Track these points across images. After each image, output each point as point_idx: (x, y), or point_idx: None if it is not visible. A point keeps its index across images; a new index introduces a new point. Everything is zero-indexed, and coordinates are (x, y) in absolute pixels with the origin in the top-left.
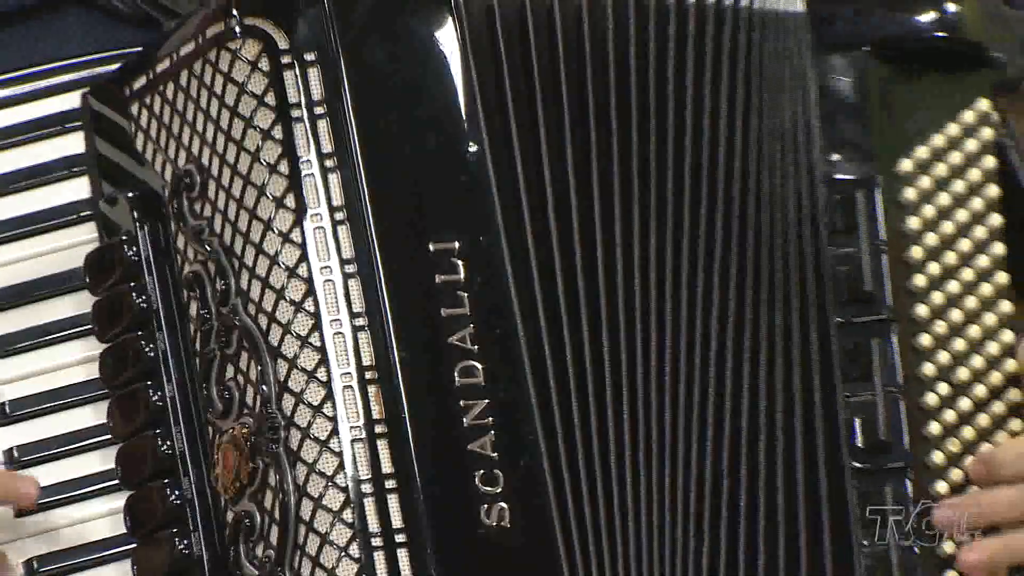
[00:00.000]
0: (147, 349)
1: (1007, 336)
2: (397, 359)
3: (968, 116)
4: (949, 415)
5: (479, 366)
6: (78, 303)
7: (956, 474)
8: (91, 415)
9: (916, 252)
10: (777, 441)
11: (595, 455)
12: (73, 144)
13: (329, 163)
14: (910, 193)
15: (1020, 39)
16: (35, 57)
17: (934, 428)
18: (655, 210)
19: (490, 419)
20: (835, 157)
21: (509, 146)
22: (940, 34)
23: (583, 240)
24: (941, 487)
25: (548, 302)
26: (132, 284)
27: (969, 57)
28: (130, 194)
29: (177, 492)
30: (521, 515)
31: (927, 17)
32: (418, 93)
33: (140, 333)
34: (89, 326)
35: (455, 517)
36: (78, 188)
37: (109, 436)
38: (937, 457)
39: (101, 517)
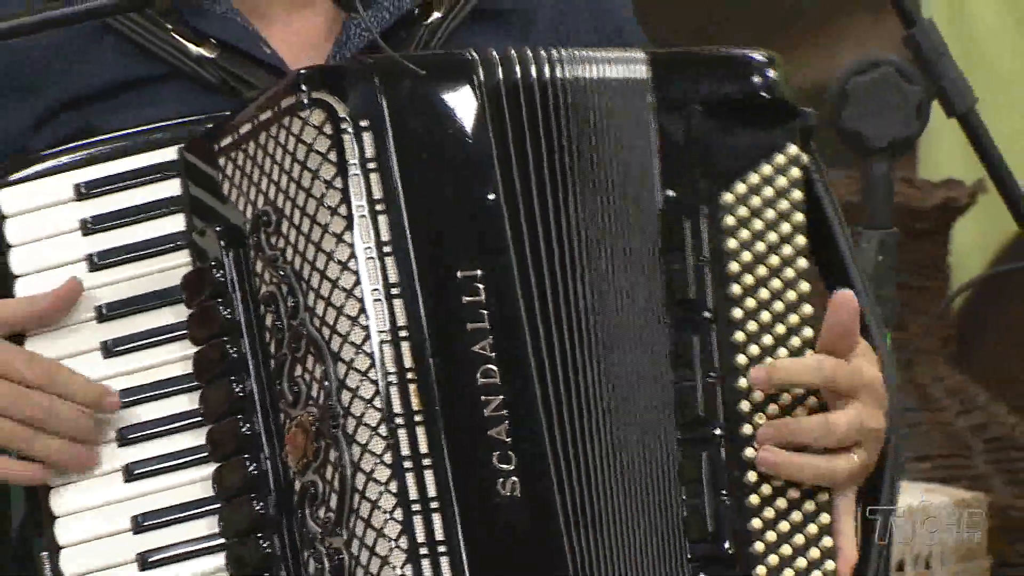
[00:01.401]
0: (231, 351)
1: (808, 332)
2: (432, 363)
3: (779, 158)
4: (757, 395)
5: (496, 369)
6: (176, 313)
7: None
8: (186, 402)
9: (733, 266)
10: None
11: (584, 439)
12: (171, 188)
13: (379, 207)
14: (729, 220)
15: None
16: (140, 119)
17: (744, 406)
18: (588, 240)
19: (505, 411)
20: (670, 193)
21: (514, 196)
22: (762, 94)
23: (575, 268)
24: (749, 452)
25: (546, 318)
26: (219, 299)
27: (781, 112)
28: (217, 228)
29: (255, 464)
30: (529, 488)
31: (747, 81)
32: (448, 152)
33: (225, 339)
34: (185, 332)
35: (477, 488)
36: (175, 222)
37: (201, 418)
38: (746, 429)
39: (193, 483)
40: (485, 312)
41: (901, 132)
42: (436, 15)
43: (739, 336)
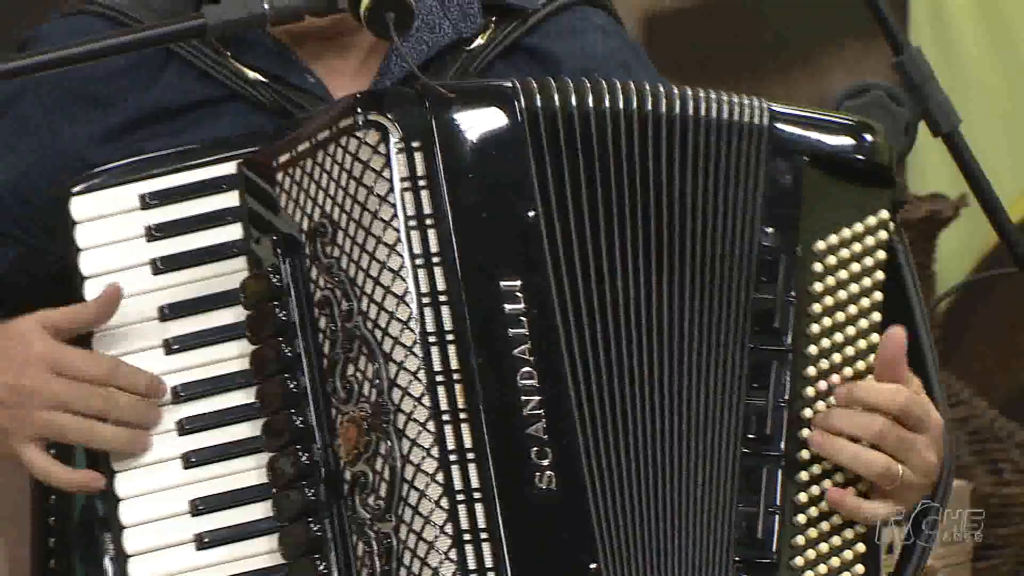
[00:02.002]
0: (286, 350)
1: (869, 378)
2: (476, 365)
3: (871, 220)
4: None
5: (534, 372)
6: (236, 314)
7: (816, 469)
8: (241, 397)
9: (815, 308)
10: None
11: (613, 439)
12: (231, 200)
13: (428, 221)
14: (818, 266)
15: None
16: (201, 136)
17: (805, 433)
18: (642, 258)
19: (542, 411)
20: (769, 230)
21: (551, 213)
22: (859, 157)
23: (606, 281)
24: (803, 475)
25: (581, 326)
26: (275, 302)
27: (879, 177)
28: (272, 237)
29: (307, 454)
30: (563, 480)
31: (851, 141)
32: (492, 171)
33: (281, 338)
34: (242, 332)
35: (517, 481)
36: (234, 231)
37: (256, 411)
38: (804, 454)
39: (248, 471)
40: (524, 319)
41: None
42: (479, 42)
43: (811, 371)
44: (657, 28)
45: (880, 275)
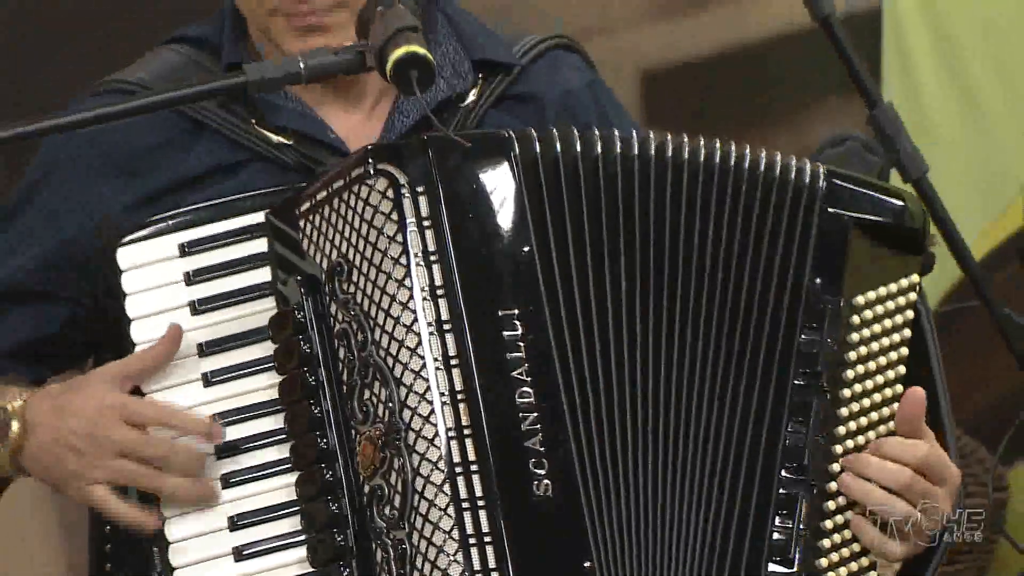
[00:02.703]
0: (310, 379)
1: (891, 424)
2: (478, 386)
3: (904, 282)
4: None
5: (531, 391)
6: (264, 349)
7: (841, 500)
8: (271, 423)
9: (851, 356)
10: (741, 450)
11: (603, 450)
12: (259, 245)
13: (433, 257)
14: (856, 319)
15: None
16: (228, 194)
17: (835, 467)
18: (652, 295)
19: (538, 425)
20: (818, 280)
21: (548, 249)
22: (901, 226)
23: (596, 310)
24: (830, 505)
25: (575, 350)
26: (300, 336)
27: (913, 244)
28: (297, 278)
29: (331, 472)
30: (560, 488)
31: (891, 211)
32: (490, 213)
33: (305, 368)
34: (272, 364)
35: (516, 488)
36: (262, 274)
37: (285, 435)
38: (832, 486)
39: (279, 489)
40: (521, 344)
41: None
42: (471, 98)
43: (843, 412)
44: (653, 85)
45: (907, 332)
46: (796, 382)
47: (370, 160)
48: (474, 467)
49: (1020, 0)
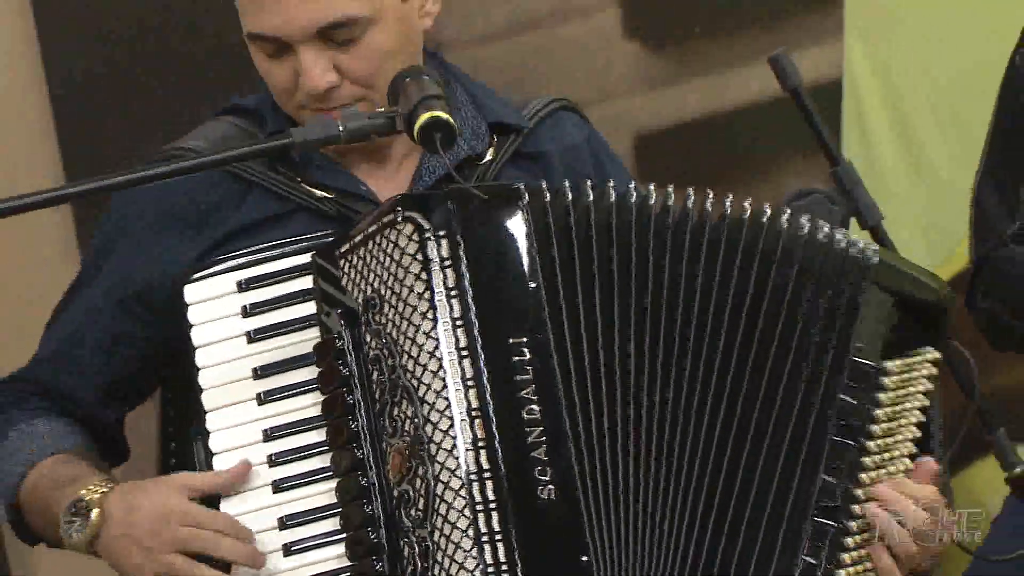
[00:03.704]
0: (348, 398)
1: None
2: (491, 404)
3: (928, 354)
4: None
5: (537, 408)
6: (310, 372)
7: (859, 539)
8: (316, 435)
9: (879, 413)
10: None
11: (600, 460)
12: (306, 283)
13: (452, 293)
14: (887, 381)
15: None
16: (281, 239)
17: (857, 509)
18: (648, 329)
19: (543, 438)
20: (859, 345)
21: (555, 285)
22: (931, 306)
23: (593, 338)
24: (850, 541)
25: (576, 372)
26: (340, 361)
27: (938, 323)
28: (338, 311)
29: (365, 479)
30: (561, 493)
31: (930, 299)
32: (503, 254)
33: (344, 389)
34: (315, 385)
35: (524, 493)
36: (309, 307)
37: (327, 447)
38: (853, 525)
39: (321, 493)
40: (529, 368)
41: None
42: (488, 157)
43: (867, 461)
44: (645, 146)
45: (925, 400)
46: (832, 435)
47: (399, 208)
48: (487, 475)
49: (962, 73)
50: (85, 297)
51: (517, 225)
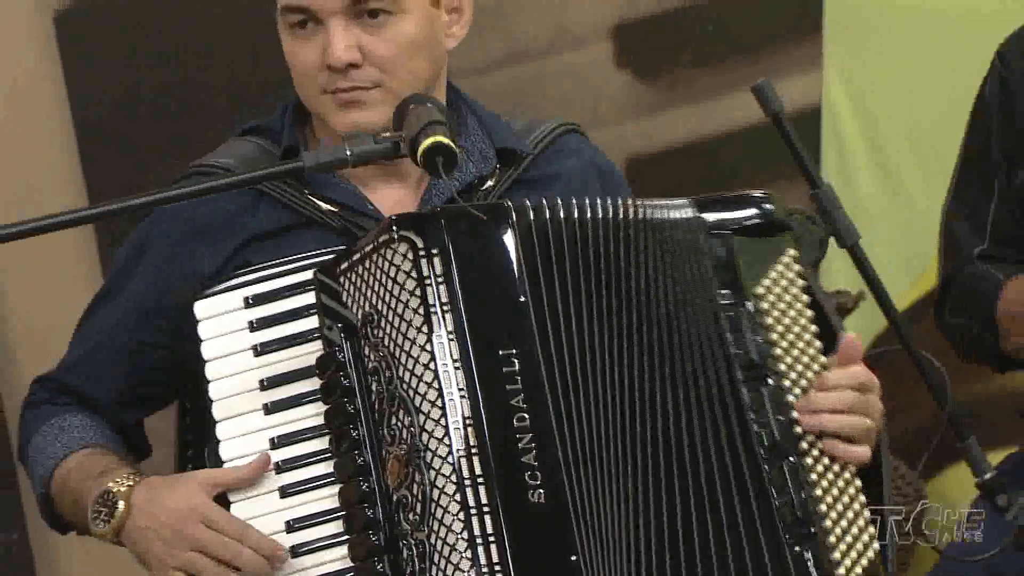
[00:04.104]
0: (349, 408)
1: (818, 361)
2: (483, 413)
3: (785, 259)
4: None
5: (526, 416)
6: (313, 383)
7: (815, 452)
8: (319, 443)
9: (774, 336)
10: (718, 435)
11: (585, 464)
12: (309, 298)
13: (445, 308)
14: (764, 304)
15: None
16: (287, 253)
17: (798, 430)
18: (617, 330)
19: (532, 444)
20: (724, 291)
21: (540, 298)
22: (765, 218)
23: (577, 347)
24: (808, 460)
25: (561, 381)
26: (341, 373)
27: (781, 227)
28: (339, 325)
29: (367, 484)
30: (550, 496)
31: (755, 210)
32: (492, 270)
33: (346, 399)
34: (319, 396)
35: (515, 497)
36: (312, 322)
37: (330, 454)
38: (804, 444)
39: (325, 498)
40: (518, 378)
41: (809, 257)
42: (490, 183)
43: (787, 383)
44: (636, 168)
45: (806, 297)
46: (743, 384)
47: (394, 228)
48: (480, 480)
49: (934, 103)
50: (111, 307)
51: (506, 242)
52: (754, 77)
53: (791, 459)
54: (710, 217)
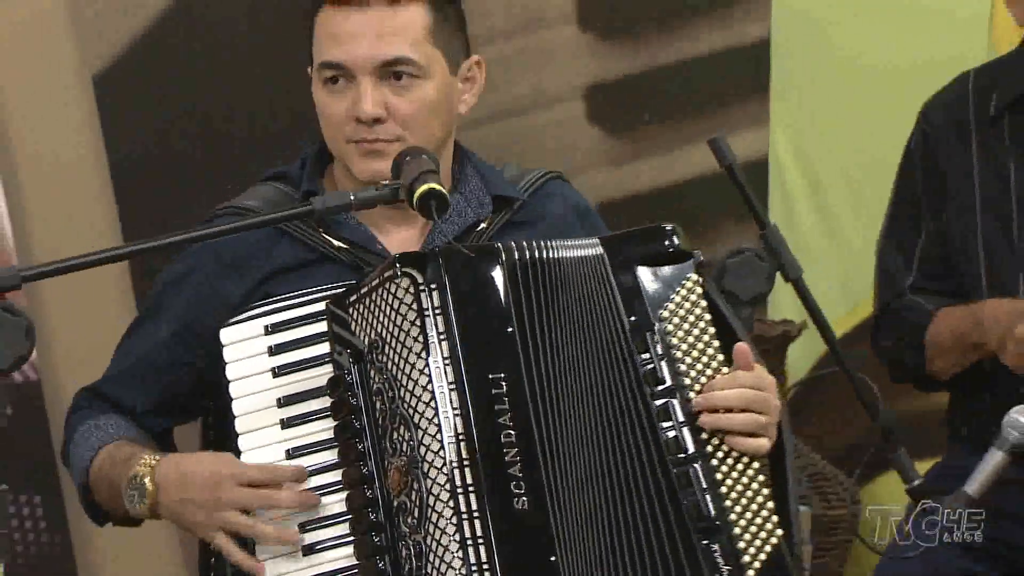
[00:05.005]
0: (356, 424)
1: (722, 372)
2: (475, 430)
3: (687, 283)
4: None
5: (512, 432)
6: (324, 402)
7: (720, 454)
8: (330, 455)
9: (679, 354)
10: (633, 441)
11: (563, 473)
12: (321, 327)
13: (442, 336)
14: (669, 326)
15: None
16: (303, 286)
17: (705, 436)
18: (575, 356)
19: (518, 457)
20: (632, 318)
21: (524, 328)
22: (669, 249)
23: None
24: (714, 462)
25: (541, 400)
26: (349, 393)
27: (683, 256)
28: (348, 351)
29: (371, 491)
30: (533, 502)
31: (662, 242)
32: (484, 303)
33: (353, 416)
34: (329, 413)
35: (502, 504)
36: (323, 347)
37: (338, 464)
38: (710, 448)
39: (335, 503)
40: (506, 399)
41: (758, 291)
42: (484, 226)
43: (692, 395)
44: (605, 214)
45: (708, 316)
46: (651, 398)
47: (397, 265)
48: (471, 488)
49: (868, 152)
50: (150, 329)
51: (496, 278)
52: (709, 132)
53: (698, 462)
54: (619, 253)
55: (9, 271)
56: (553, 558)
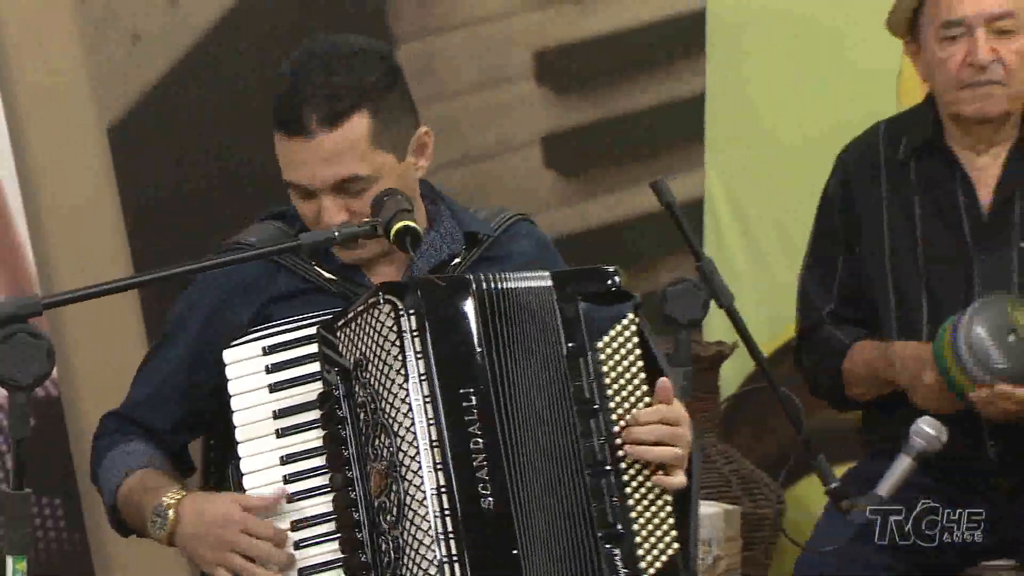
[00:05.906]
0: (342, 433)
1: (645, 405)
2: (446, 438)
3: (624, 321)
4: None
5: (480, 440)
6: (315, 414)
7: (632, 471)
8: (319, 460)
9: (608, 380)
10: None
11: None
12: (313, 348)
13: (419, 356)
14: (603, 356)
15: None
16: (297, 312)
17: (621, 453)
18: (530, 371)
19: (485, 462)
20: (571, 344)
21: (491, 348)
22: (611, 288)
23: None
24: (626, 477)
25: (506, 413)
26: (336, 406)
27: (622, 296)
28: (336, 369)
29: (354, 492)
30: (498, 503)
31: (605, 281)
32: (457, 327)
33: (340, 426)
34: (319, 423)
35: (470, 503)
36: (314, 366)
37: (327, 469)
38: (623, 465)
39: (323, 503)
40: (475, 411)
41: (694, 316)
42: (457, 260)
43: (614, 417)
44: (560, 248)
45: (639, 351)
46: (577, 415)
47: (380, 293)
48: (443, 490)
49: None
50: (168, 355)
51: (468, 306)
52: (652, 176)
53: (611, 475)
54: (566, 287)
55: (32, 300)
56: (515, 551)
